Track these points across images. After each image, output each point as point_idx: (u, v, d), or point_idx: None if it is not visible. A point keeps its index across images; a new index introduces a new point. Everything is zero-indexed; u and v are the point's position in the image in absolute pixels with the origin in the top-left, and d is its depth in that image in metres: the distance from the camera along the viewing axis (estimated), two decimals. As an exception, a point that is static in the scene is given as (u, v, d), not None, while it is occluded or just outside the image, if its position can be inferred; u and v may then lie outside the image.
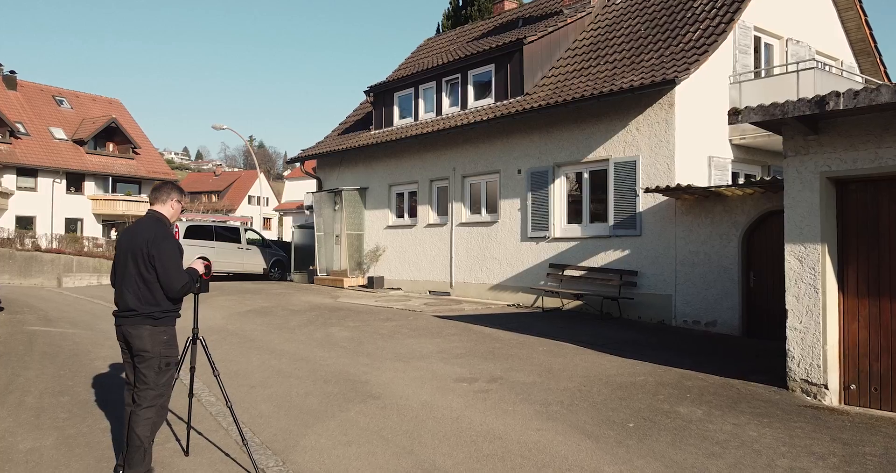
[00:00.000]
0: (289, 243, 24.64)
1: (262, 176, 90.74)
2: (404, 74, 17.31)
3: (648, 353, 8.51)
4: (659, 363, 7.85)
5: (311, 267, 19.89)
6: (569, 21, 15.20)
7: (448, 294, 15.60)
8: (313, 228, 19.78)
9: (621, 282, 11.83)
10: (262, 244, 24.47)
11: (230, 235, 23.61)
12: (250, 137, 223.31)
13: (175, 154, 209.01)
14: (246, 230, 24.21)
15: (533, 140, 13.83)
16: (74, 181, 42.71)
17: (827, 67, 13.74)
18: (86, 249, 34.30)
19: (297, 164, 20.72)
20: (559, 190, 13.41)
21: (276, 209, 77.00)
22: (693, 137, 11.65)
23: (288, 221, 54.24)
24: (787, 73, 12.39)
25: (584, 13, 15.50)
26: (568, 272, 12.88)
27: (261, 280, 23.89)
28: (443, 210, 16.20)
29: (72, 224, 42.48)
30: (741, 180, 12.93)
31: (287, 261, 22.82)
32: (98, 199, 43.37)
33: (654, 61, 12.23)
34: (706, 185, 11.78)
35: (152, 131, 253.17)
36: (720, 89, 12.24)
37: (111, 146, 46.01)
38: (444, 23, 29.36)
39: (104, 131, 44.64)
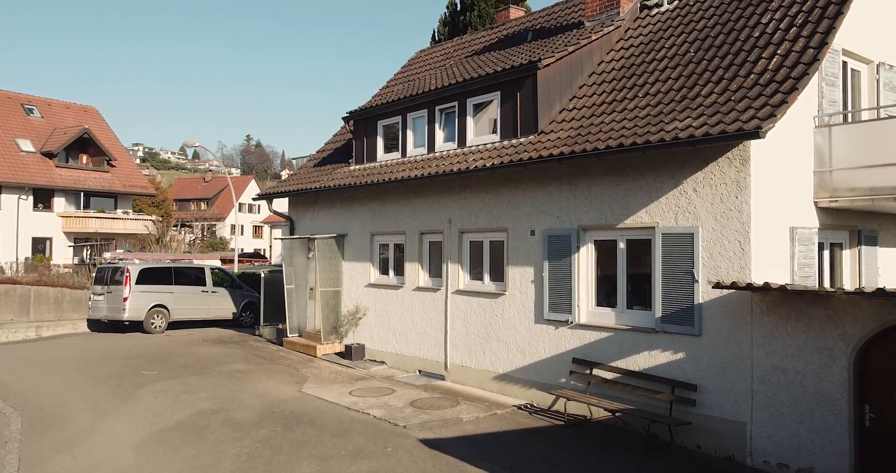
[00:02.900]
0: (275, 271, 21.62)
1: (253, 182, 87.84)
2: (390, 99, 14.22)
3: None
4: None
5: (280, 326, 16.79)
6: (593, 38, 12.09)
7: (442, 378, 12.52)
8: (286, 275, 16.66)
9: (673, 397, 8.77)
10: (232, 285, 21.44)
11: (194, 276, 20.56)
12: (247, 136, 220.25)
13: (171, 153, 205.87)
14: (213, 270, 21.14)
15: (551, 193, 10.76)
16: (42, 198, 39.59)
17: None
18: (44, 276, 30.96)
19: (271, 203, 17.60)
20: (585, 261, 10.33)
21: (264, 221, 73.83)
22: (771, 201, 8.59)
23: (277, 233, 51.20)
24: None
25: (611, 27, 12.40)
26: (598, 373, 9.82)
27: (231, 327, 20.89)
28: (436, 271, 13.12)
29: (39, 244, 39.36)
30: (826, 252, 9.86)
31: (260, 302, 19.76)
32: (69, 216, 40.26)
33: (715, 97, 9.14)
34: (789, 267, 8.74)
35: (150, 131, 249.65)
36: (803, 135, 9.18)
37: (84, 158, 42.89)
38: (441, 30, 26.20)
39: (76, 143, 41.50)
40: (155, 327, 19.26)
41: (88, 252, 39.58)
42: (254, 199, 18.31)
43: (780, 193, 8.74)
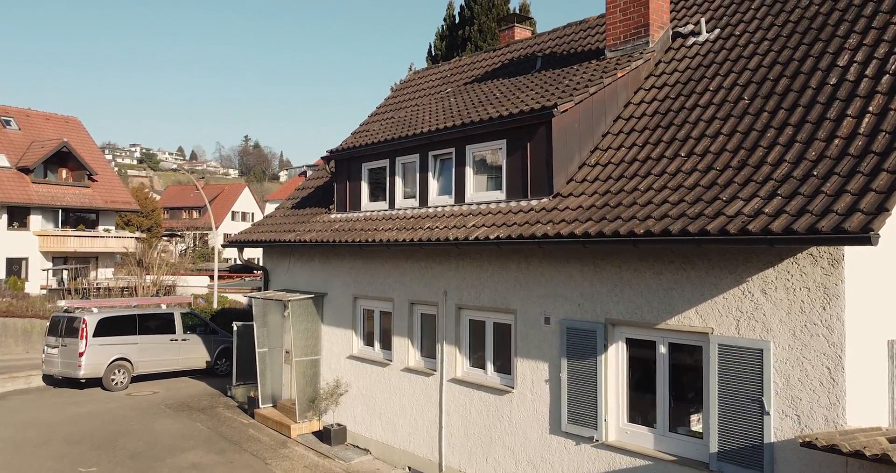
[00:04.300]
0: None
1: (247, 190, 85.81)
2: (376, 139, 12.09)
3: None
4: None
5: (251, 394, 14.68)
6: (619, 75, 9.99)
7: (436, 483, 10.44)
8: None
9: None
10: (206, 331, 19.34)
11: (161, 323, 18.48)
12: (245, 137, 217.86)
13: (169, 154, 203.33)
14: (184, 315, 19.06)
15: (570, 274, 8.66)
16: (18, 215, 37.46)
17: None
18: (13, 306, 28.76)
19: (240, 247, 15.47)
20: (615, 364, 8.23)
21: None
22: (868, 312, 6.51)
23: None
24: None
25: (639, 60, 10.30)
26: (633, 513, 7.73)
27: (204, 377, 18.81)
28: (429, 349, 11.03)
29: (14, 265, 37.23)
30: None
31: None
32: (46, 235, 38.13)
33: (789, 167, 7.04)
34: (888, 392, 6.65)
35: (147, 131, 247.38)
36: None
37: (63, 173, 40.76)
38: (437, 44, 24.03)
39: (55, 157, 39.39)
40: (116, 383, 17.17)
41: (66, 275, 37.45)
42: (223, 245, 16.22)
43: (878, 300, 6.66)
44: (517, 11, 23.03)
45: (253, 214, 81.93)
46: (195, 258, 61.56)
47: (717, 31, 10.31)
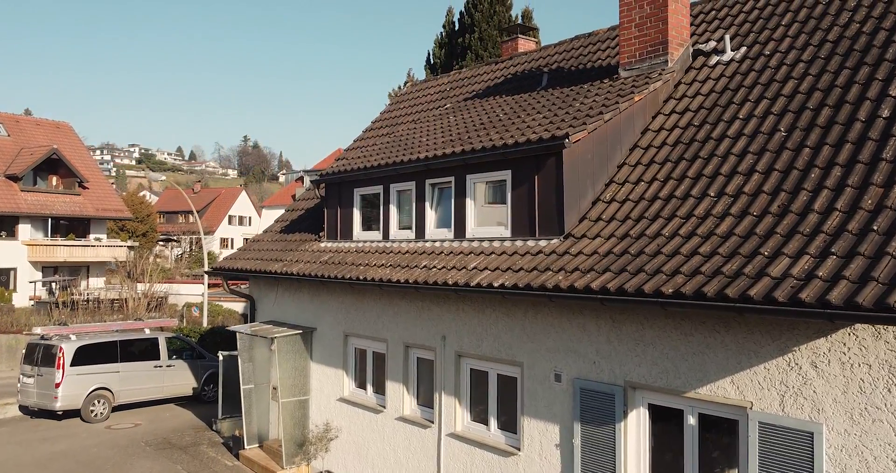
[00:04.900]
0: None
1: (244, 194, 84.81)
2: (370, 164, 11.11)
3: None
4: None
5: (237, 432, 13.71)
6: (636, 99, 9.03)
7: (434, 548, 9.47)
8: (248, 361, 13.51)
9: None
10: (192, 355, 18.40)
11: (145, 349, 17.53)
12: (245, 137, 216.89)
13: (168, 154, 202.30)
14: (169, 340, 18.11)
15: (584, 327, 7.70)
16: (6, 224, 36.49)
17: None
18: (-1, 321, 27.81)
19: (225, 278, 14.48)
20: (636, 433, 7.26)
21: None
22: (938, 391, 5.55)
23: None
24: None
25: (658, 82, 9.34)
26: None
27: (190, 404, 17.88)
28: (426, 397, 10.07)
29: (3, 275, 36.26)
30: None
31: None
32: (35, 244, 37.16)
33: (841, 218, 6.09)
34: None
35: (145, 131, 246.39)
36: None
37: (54, 180, 39.77)
38: (436, 52, 23.02)
39: (44, 164, 38.42)
40: (95, 415, 16.22)
41: (55, 286, 36.48)
42: (206, 272, 15.26)
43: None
44: (520, 19, 22.08)
45: (250, 217, 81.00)
46: (191, 263, 60.55)
47: (744, 49, 9.35)
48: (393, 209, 10.91)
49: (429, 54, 23.01)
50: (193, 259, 62.66)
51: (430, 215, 10.24)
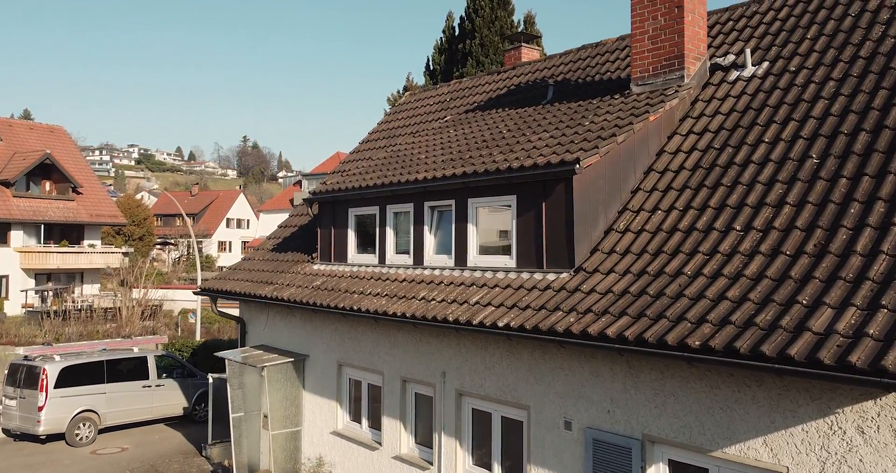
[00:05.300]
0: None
1: (242, 196, 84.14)
2: (365, 183, 10.44)
3: None
4: None
5: (225, 463, 13.06)
6: (651, 118, 8.38)
7: None
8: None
9: None
10: (183, 373, 17.74)
11: (133, 368, 16.88)
12: (244, 137, 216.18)
13: (167, 155, 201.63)
14: (158, 358, 17.46)
15: (597, 372, 7.04)
16: (-2, 231, 35.82)
17: None
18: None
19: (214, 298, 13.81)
20: (655, 492, 6.61)
21: (249, 246, 70.01)
22: None
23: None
24: None
25: (674, 99, 8.68)
26: None
27: (180, 425, 17.23)
28: (424, 435, 9.41)
29: (-6, 283, 35.60)
30: None
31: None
32: (27, 251, 36.48)
33: (889, 262, 5.44)
34: None
35: (145, 131, 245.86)
36: None
37: (47, 186, 39.12)
38: (436, 58, 22.33)
39: (38, 169, 37.76)
40: (80, 438, 15.55)
41: (48, 294, 35.81)
42: (195, 293, 14.60)
43: None
44: (522, 23, 21.40)
45: (248, 220, 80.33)
46: (188, 267, 59.95)
47: (766, 64, 8.71)
48: (389, 232, 10.26)
49: (428, 60, 22.32)
50: (191, 263, 62.04)
51: (429, 240, 9.59)
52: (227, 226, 77.92)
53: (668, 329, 5.84)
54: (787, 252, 6.08)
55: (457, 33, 21.98)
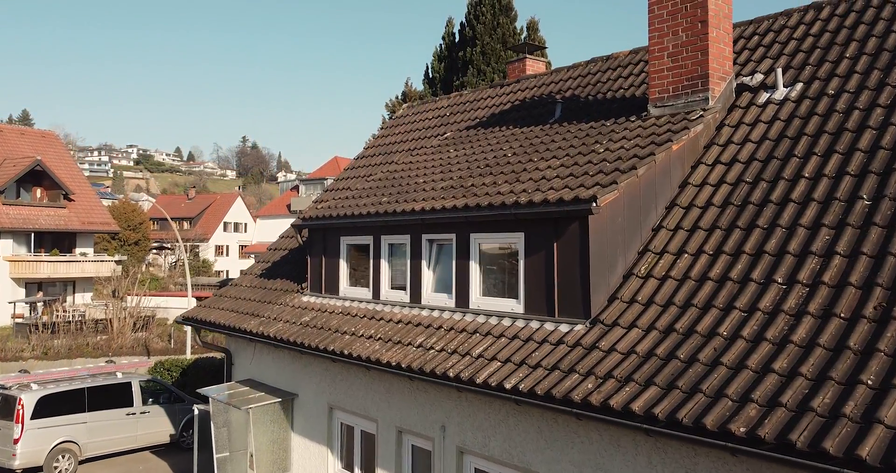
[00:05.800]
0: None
1: (240, 200, 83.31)
2: (358, 211, 9.60)
3: None
4: None
5: (210, 505, 12.22)
6: (674, 147, 7.54)
7: None
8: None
9: None
10: (170, 398, 16.91)
11: (116, 396, 16.03)
12: (243, 137, 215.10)
13: (166, 155, 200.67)
14: (143, 383, 16.64)
15: (619, 443, 6.19)
16: (-14, 240, 34.99)
17: None
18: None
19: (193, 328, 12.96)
20: None
21: (246, 251, 69.18)
22: None
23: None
24: None
25: (698, 125, 7.84)
26: None
27: (167, 454, 16.40)
28: (422, 493, 8.57)
29: (-19, 293, 34.73)
30: None
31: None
32: (17, 260, 35.65)
33: (966, 334, 4.60)
34: None
35: (144, 131, 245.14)
36: None
37: (38, 193, 38.30)
38: (435, 65, 21.48)
39: (28, 176, 36.93)
40: (60, 471, 14.70)
41: (38, 305, 34.94)
42: (177, 321, 13.74)
43: None
44: (525, 30, 20.52)
45: (246, 224, 79.47)
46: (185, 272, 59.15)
47: (800, 86, 7.87)
48: (384, 264, 9.41)
49: (427, 68, 21.39)
50: (189, 267, 61.22)
51: (428, 276, 8.75)
52: (225, 230, 77.09)
53: (706, 408, 5.00)
54: (842, 315, 5.24)
55: (457, 40, 21.07)
